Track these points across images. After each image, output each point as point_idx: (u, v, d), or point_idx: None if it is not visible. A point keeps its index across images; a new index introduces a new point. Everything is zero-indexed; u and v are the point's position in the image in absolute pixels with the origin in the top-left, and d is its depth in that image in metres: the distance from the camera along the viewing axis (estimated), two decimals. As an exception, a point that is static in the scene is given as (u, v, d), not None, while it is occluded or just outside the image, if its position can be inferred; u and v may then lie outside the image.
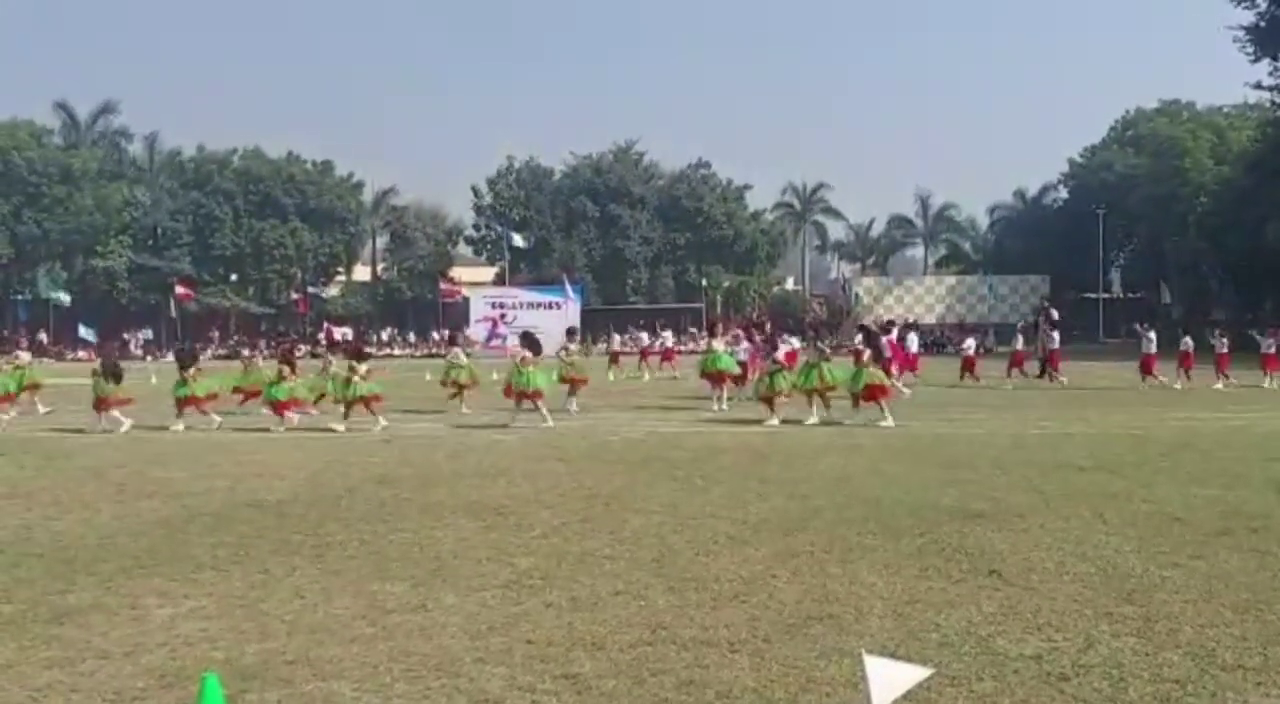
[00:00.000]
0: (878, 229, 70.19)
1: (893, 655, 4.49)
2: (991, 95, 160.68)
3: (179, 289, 54.17)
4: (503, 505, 8.81)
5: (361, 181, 63.63)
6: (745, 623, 5.32)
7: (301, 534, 7.68)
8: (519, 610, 5.62)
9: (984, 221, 69.01)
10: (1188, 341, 23.29)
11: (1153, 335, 22.85)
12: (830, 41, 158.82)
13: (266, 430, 15.30)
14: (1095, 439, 13.29)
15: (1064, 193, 64.66)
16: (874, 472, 10.57)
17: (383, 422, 15.30)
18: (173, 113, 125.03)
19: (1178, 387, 21.92)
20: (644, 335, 39.48)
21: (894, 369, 21.78)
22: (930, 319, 55.52)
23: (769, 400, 15.82)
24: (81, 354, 44.77)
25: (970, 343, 26.74)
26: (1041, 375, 25.34)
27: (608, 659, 4.79)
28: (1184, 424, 15.09)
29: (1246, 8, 45.00)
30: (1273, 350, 22.61)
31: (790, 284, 73.46)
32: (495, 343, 25.39)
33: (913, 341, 27.04)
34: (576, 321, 45.24)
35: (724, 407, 18.26)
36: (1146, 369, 22.59)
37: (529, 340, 16.72)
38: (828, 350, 16.59)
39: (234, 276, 58.36)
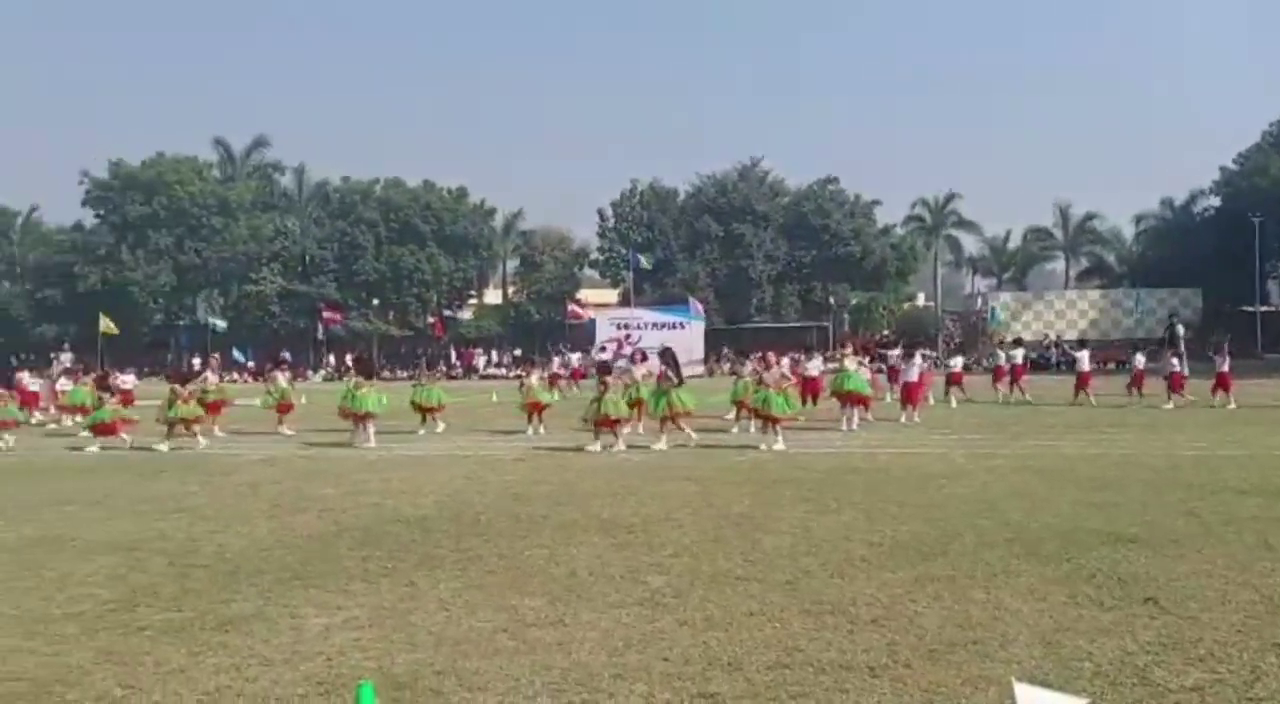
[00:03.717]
0: (1014, 242, 67.90)
1: (1043, 684, 4.35)
2: (1137, 99, 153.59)
3: (326, 313, 56.67)
4: (634, 524, 8.91)
5: (493, 208, 65.38)
6: (885, 648, 5.23)
7: (444, 549, 7.94)
8: (654, 628, 5.67)
9: (1129, 232, 65.95)
10: (1139, 359, 24.18)
11: None
12: (964, 47, 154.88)
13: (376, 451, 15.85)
14: (1254, 461, 12.51)
15: (1216, 200, 61.16)
16: (1016, 494, 10.23)
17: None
18: (319, 146, 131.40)
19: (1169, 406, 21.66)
20: (574, 356, 39.37)
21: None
22: (1072, 335, 53.19)
23: (602, 424, 15.41)
24: (237, 377, 47.24)
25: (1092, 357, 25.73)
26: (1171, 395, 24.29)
27: (745, 680, 4.79)
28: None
29: None
30: None
31: (921, 301, 71.68)
32: (619, 365, 25.80)
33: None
34: (700, 342, 45.31)
35: (853, 427, 17.99)
36: None
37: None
38: (676, 377, 16.44)
39: (375, 301, 60.69)
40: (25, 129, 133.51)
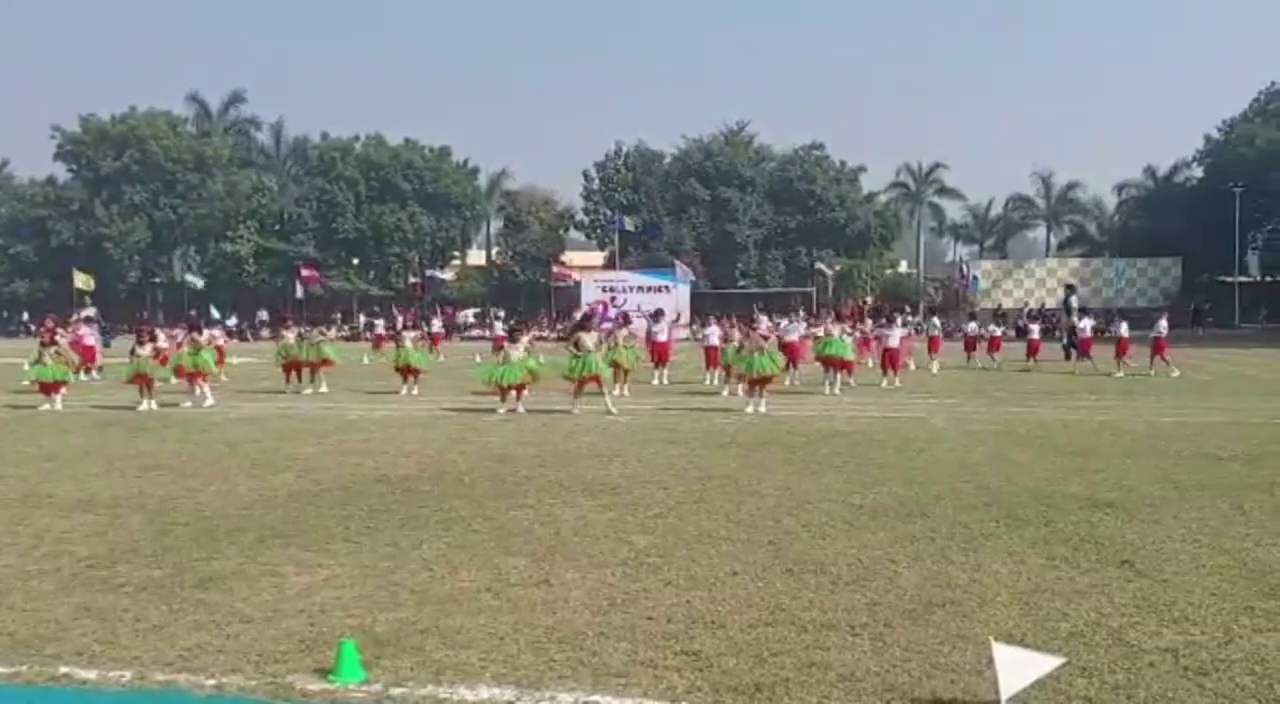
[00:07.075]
0: (996, 210, 68.09)
1: (1020, 644, 4.41)
2: (1119, 67, 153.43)
3: (304, 272, 56.14)
4: (619, 485, 8.92)
5: (477, 167, 64.83)
6: (865, 607, 5.28)
7: (427, 509, 7.93)
8: (638, 587, 5.69)
9: (1111, 201, 66.17)
10: (1085, 324, 24.40)
11: None
12: (945, 15, 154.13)
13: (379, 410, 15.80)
14: (1234, 428, 12.66)
15: (1199, 171, 61.29)
16: (996, 459, 10.31)
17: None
18: (297, 102, 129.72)
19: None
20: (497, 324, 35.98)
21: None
22: (1052, 303, 53.47)
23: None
24: (215, 334, 46.91)
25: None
26: (1067, 358, 24.63)
27: (727, 638, 4.83)
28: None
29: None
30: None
31: (904, 267, 71.87)
32: (605, 326, 25.48)
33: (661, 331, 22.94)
34: (686, 305, 45.29)
35: (836, 392, 18.07)
36: None
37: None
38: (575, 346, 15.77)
39: (355, 260, 60.20)
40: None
